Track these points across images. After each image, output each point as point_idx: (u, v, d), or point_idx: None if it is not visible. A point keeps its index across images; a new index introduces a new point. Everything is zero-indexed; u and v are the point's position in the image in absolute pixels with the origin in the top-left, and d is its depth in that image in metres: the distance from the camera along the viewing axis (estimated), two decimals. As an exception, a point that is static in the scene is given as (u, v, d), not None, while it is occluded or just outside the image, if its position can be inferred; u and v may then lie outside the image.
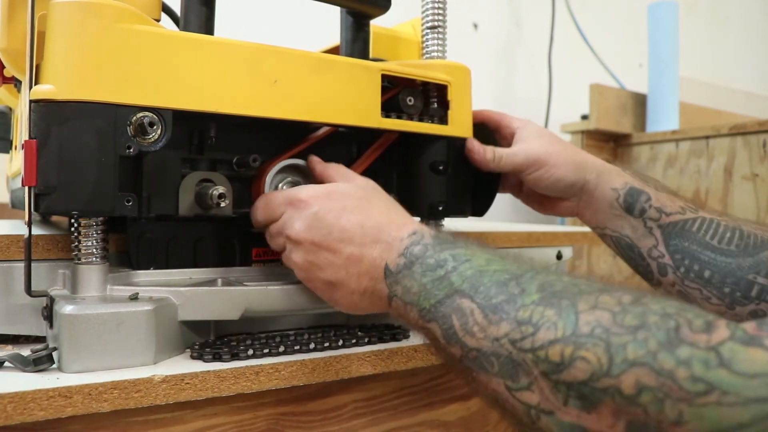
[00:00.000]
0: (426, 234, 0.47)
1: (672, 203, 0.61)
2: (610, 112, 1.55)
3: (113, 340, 0.46)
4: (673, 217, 0.61)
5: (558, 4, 1.77)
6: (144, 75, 0.48)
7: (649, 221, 0.62)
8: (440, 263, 0.44)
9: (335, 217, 0.49)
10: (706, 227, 0.59)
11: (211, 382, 0.47)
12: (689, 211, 0.61)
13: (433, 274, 0.43)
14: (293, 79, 0.55)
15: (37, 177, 0.46)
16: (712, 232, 0.59)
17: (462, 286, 0.41)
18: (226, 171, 0.57)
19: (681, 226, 0.60)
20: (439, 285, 0.43)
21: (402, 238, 0.47)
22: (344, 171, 0.57)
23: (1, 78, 0.56)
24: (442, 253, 0.45)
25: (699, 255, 0.59)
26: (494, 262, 0.42)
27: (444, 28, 0.68)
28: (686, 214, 0.60)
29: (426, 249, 0.46)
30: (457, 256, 0.44)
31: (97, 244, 0.50)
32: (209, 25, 0.56)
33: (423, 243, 0.46)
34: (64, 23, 0.47)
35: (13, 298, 0.50)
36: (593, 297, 0.36)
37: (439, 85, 0.65)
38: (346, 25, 0.67)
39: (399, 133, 0.64)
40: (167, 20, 0.61)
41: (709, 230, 0.59)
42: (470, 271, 0.42)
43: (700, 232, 0.59)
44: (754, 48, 2.57)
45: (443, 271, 0.43)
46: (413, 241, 0.47)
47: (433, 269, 0.44)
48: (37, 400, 0.41)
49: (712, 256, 0.58)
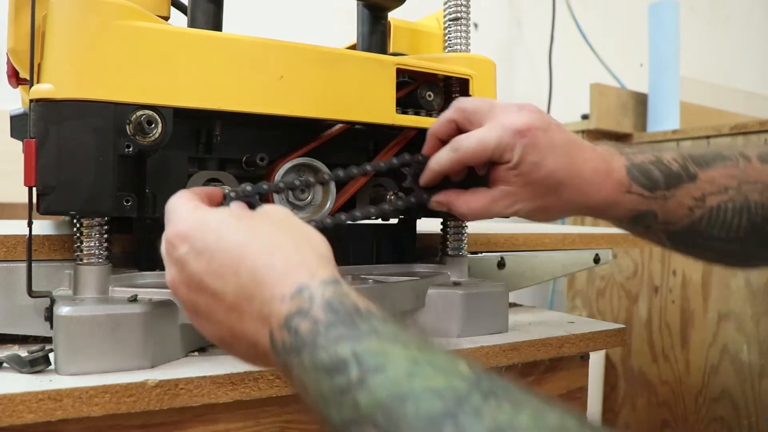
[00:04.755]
0: (316, 297, 0.33)
1: (680, 208, 0.55)
2: (610, 111, 1.56)
3: (109, 342, 0.45)
4: (680, 224, 0.56)
5: (558, 4, 1.79)
6: (143, 73, 0.47)
7: (655, 231, 0.57)
8: (338, 365, 0.30)
9: (207, 260, 0.37)
10: (714, 220, 0.55)
11: (207, 388, 0.46)
12: (697, 209, 0.55)
13: (329, 381, 0.30)
14: (300, 75, 0.53)
15: (36, 177, 0.46)
16: (720, 224, 0.55)
17: (374, 415, 0.28)
18: (235, 170, 0.56)
19: (688, 228, 0.56)
20: (341, 400, 0.30)
21: (283, 298, 0.34)
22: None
23: (15, 80, 0.56)
24: (339, 346, 0.31)
25: (707, 245, 0.57)
26: (419, 369, 0.29)
27: (467, 21, 0.65)
28: (694, 214, 0.55)
29: (317, 330, 0.32)
30: (363, 357, 0.30)
31: (99, 244, 0.50)
32: (217, 22, 0.55)
33: (311, 317, 0.32)
34: (62, 21, 0.46)
35: (19, 299, 0.50)
36: None
37: (461, 79, 0.62)
38: (362, 18, 0.65)
39: (418, 130, 0.61)
40: (177, 17, 0.60)
41: (717, 223, 0.55)
42: (384, 392, 0.28)
43: (708, 227, 0.55)
44: (755, 47, 2.55)
45: (344, 379, 0.30)
46: (298, 308, 0.33)
47: (330, 372, 0.30)
48: (26, 403, 0.41)
49: (719, 246, 0.56)
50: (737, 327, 1.26)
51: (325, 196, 0.59)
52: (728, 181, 0.55)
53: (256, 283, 0.35)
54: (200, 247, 0.37)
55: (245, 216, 0.40)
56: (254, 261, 0.36)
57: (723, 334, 1.28)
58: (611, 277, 1.51)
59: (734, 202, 0.55)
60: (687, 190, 0.54)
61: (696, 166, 0.55)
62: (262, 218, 0.40)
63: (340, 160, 0.61)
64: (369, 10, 0.64)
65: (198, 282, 0.37)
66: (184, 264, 0.38)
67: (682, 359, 1.35)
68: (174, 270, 0.39)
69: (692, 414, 1.33)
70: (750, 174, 0.55)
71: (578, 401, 0.69)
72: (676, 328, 1.37)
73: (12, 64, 0.55)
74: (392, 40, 0.69)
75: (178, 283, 0.39)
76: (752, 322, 1.23)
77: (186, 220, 0.39)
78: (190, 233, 0.38)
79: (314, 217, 0.57)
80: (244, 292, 0.36)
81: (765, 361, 1.21)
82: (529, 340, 0.60)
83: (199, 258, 0.37)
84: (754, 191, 0.55)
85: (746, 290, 1.24)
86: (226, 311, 0.37)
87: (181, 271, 0.38)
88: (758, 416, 1.22)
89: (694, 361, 1.33)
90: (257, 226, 0.38)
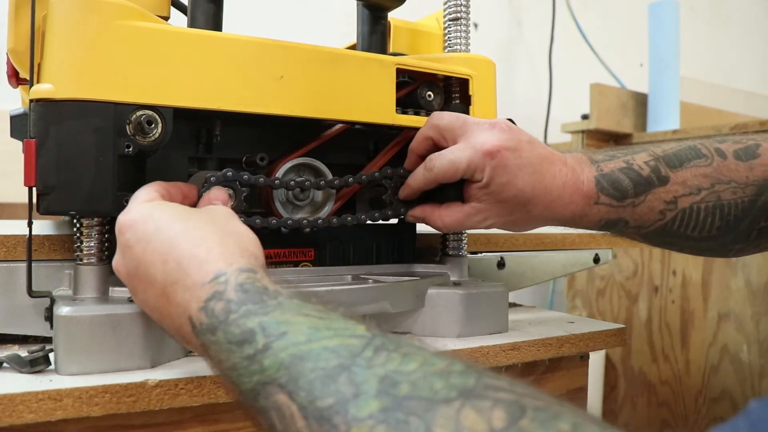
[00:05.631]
0: (231, 281, 0.37)
1: (650, 213, 0.56)
2: (610, 111, 1.56)
3: (109, 342, 0.45)
4: (652, 227, 0.57)
5: (558, 4, 1.78)
6: (143, 73, 0.47)
7: (629, 234, 0.59)
8: (247, 336, 0.34)
9: (143, 247, 0.41)
10: (687, 221, 0.56)
11: (207, 388, 0.46)
12: (668, 211, 0.56)
13: (240, 352, 0.34)
14: (300, 75, 0.53)
15: (36, 177, 0.46)
16: (693, 225, 0.56)
17: (277, 375, 0.31)
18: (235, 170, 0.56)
19: (660, 229, 0.57)
20: (249, 367, 0.33)
21: (203, 284, 0.37)
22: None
23: (15, 80, 0.56)
24: (248, 319, 0.34)
25: (681, 245, 0.59)
26: (318, 333, 0.32)
27: (467, 21, 0.65)
28: (666, 217, 0.56)
29: (229, 309, 0.35)
30: (268, 326, 0.33)
31: (99, 244, 0.50)
32: (217, 22, 0.55)
33: (225, 298, 0.36)
34: (62, 21, 0.46)
35: (19, 299, 0.50)
36: (453, 411, 0.25)
37: (461, 79, 0.62)
38: (362, 18, 0.65)
39: (418, 130, 0.61)
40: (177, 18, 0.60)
41: (689, 223, 0.56)
42: (285, 354, 0.32)
43: (681, 228, 0.56)
44: (755, 47, 2.55)
45: (252, 349, 0.33)
46: (215, 291, 0.37)
47: (240, 344, 0.34)
48: (26, 403, 0.40)
49: (694, 243, 0.58)
50: (737, 327, 1.26)
51: (324, 197, 0.59)
52: (701, 182, 0.56)
53: (180, 271, 0.39)
54: (140, 235, 0.42)
55: (186, 211, 0.44)
56: (182, 251, 0.39)
57: (723, 334, 1.28)
58: (611, 277, 1.51)
59: (707, 202, 0.56)
60: (657, 194, 0.56)
61: (668, 167, 0.56)
62: (202, 215, 0.44)
63: (340, 160, 0.61)
64: (369, 10, 0.64)
65: (135, 267, 0.42)
66: (125, 250, 0.42)
67: (682, 359, 1.35)
68: (118, 254, 0.44)
69: (692, 414, 1.33)
70: (723, 173, 0.56)
71: (578, 401, 0.69)
72: (676, 328, 1.37)
73: (12, 64, 0.55)
74: (392, 40, 0.69)
75: (120, 266, 0.43)
76: (752, 322, 1.23)
77: (135, 210, 0.43)
78: (134, 223, 0.42)
79: (311, 218, 0.57)
80: (170, 278, 0.39)
81: (765, 361, 1.21)
82: (529, 340, 0.60)
83: (137, 245, 0.41)
84: (727, 190, 0.56)
85: (746, 290, 1.24)
86: (156, 296, 0.40)
87: (123, 256, 0.43)
88: (758, 416, 1.22)
89: (694, 361, 1.33)
90: (194, 221, 0.42)
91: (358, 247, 0.64)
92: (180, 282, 0.38)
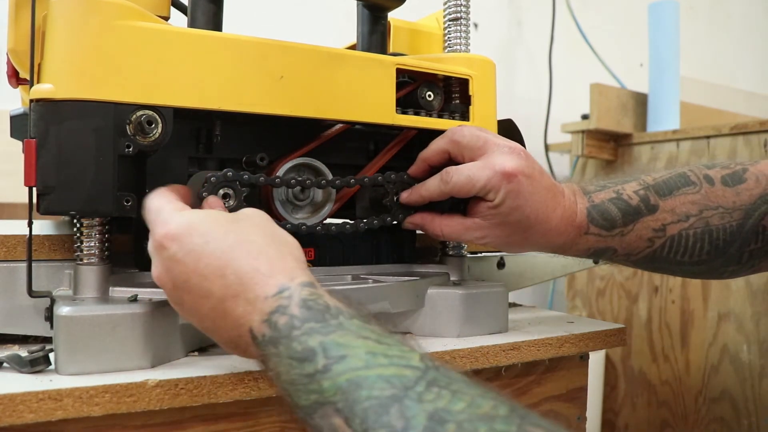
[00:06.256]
0: (295, 296, 0.38)
1: (639, 241, 0.58)
2: (610, 111, 1.55)
3: (109, 342, 0.45)
4: (641, 254, 0.59)
5: (558, 4, 1.78)
6: (143, 73, 0.47)
7: (618, 261, 0.61)
8: (308, 355, 0.35)
9: (194, 260, 0.41)
10: (676, 247, 0.58)
11: (207, 388, 0.46)
12: (657, 239, 0.58)
13: (300, 368, 0.35)
14: (300, 75, 0.53)
15: (36, 177, 0.46)
16: (683, 251, 0.58)
17: (334, 398, 0.33)
18: (235, 170, 0.56)
19: (649, 256, 0.59)
20: (308, 386, 0.34)
21: (267, 297, 0.39)
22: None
23: (15, 80, 0.56)
24: (310, 337, 0.36)
25: (672, 270, 0.61)
26: (375, 360, 0.33)
27: (467, 21, 0.65)
28: (654, 244, 0.58)
29: (292, 325, 0.37)
30: (329, 348, 0.35)
31: (99, 244, 0.50)
32: (217, 22, 0.55)
33: (289, 313, 0.37)
34: (62, 21, 0.46)
35: (19, 299, 0.50)
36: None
37: (461, 79, 0.62)
38: (362, 18, 0.65)
39: (418, 130, 0.62)
40: (177, 18, 0.60)
41: (679, 249, 0.58)
42: (344, 379, 0.33)
43: (670, 254, 0.59)
44: (755, 47, 2.55)
45: (312, 368, 0.34)
46: (279, 306, 0.38)
47: (300, 361, 0.35)
48: (26, 403, 0.40)
49: (685, 268, 0.60)
50: (737, 327, 1.26)
51: (325, 197, 0.59)
52: (689, 209, 0.58)
53: (241, 284, 0.39)
54: (188, 248, 0.41)
55: (228, 219, 0.43)
56: (240, 265, 0.40)
57: (723, 334, 1.28)
58: (611, 277, 1.51)
59: (695, 228, 0.58)
60: (646, 222, 0.58)
61: (658, 196, 0.58)
62: (245, 223, 0.43)
63: (340, 160, 0.61)
64: (369, 10, 0.64)
65: (184, 281, 0.41)
66: (172, 264, 0.42)
67: (682, 359, 1.35)
68: (161, 268, 0.42)
69: (692, 414, 1.33)
70: (711, 199, 0.58)
71: (578, 401, 0.69)
72: (676, 328, 1.37)
73: (12, 64, 0.55)
74: (392, 40, 0.69)
75: (165, 280, 0.43)
76: (752, 322, 1.23)
77: (175, 222, 0.42)
78: (179, 236, 0.42)
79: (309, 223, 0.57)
80: (229, 291, 0.40)
81: (765, 361, 1.21)
82: (529, 339, 0.60)
83: (187, 259, 0.41)
84: (715, 216, 0.58)
85: (746, 290, 1.24)
86: (211, 308, 0.40)
87: (169, 271, 0.42)
88: (758, 416, 1.22)
89: (694, 361, 1.33)
90: (241, 230, 0.42)
91: (358, 247, 0.65)
92: (241, 295, 0.39)
